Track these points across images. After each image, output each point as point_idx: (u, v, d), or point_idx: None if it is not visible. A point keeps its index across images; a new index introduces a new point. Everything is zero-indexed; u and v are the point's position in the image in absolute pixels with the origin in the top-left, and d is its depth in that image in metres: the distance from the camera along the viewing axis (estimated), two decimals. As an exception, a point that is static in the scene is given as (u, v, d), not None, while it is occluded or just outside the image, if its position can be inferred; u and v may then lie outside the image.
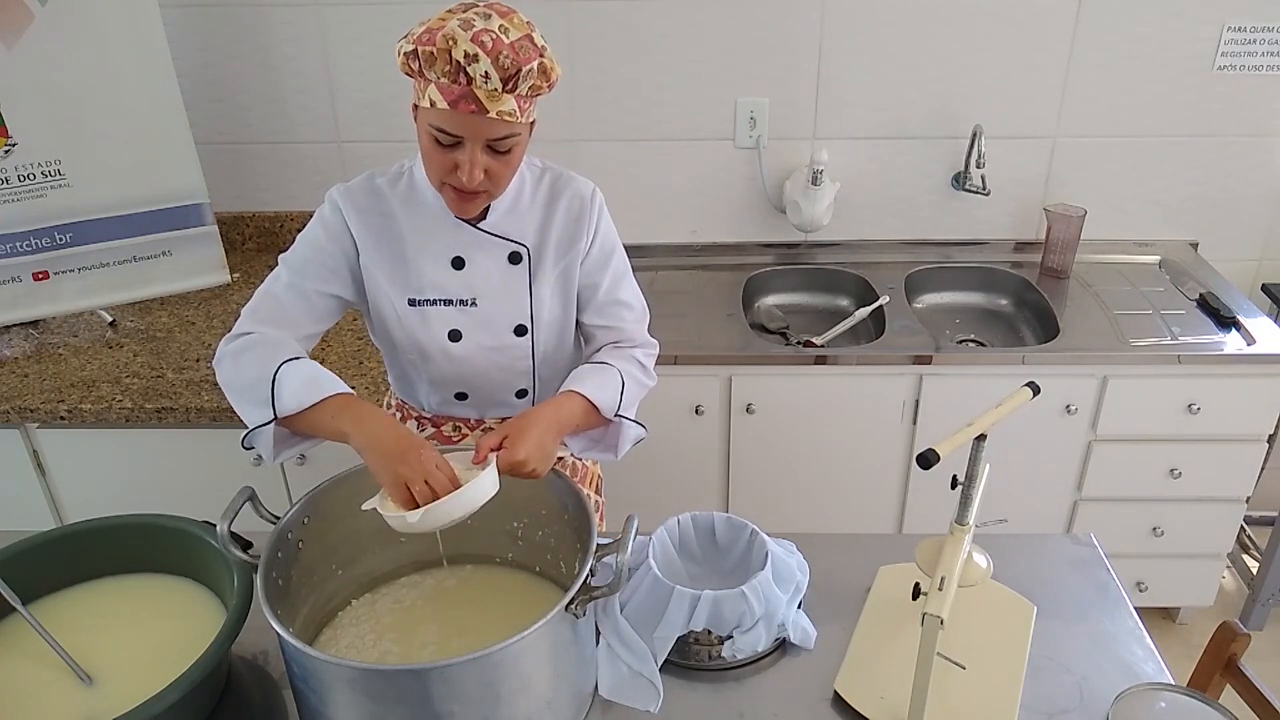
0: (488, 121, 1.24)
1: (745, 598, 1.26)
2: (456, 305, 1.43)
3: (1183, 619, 2.67)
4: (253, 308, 1.40)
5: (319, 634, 1.31)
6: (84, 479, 2.11)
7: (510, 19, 1.24)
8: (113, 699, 1.18)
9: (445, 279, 1.42)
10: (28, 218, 2.09)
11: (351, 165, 2.56)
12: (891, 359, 2.21)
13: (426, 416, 1.58)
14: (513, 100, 1.24)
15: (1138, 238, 2.63)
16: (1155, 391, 2.23)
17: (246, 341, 1.34)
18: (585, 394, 1.37)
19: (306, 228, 1.44)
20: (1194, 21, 2.36)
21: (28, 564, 1.29)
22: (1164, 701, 1.15)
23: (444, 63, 1.20)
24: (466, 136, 1.25)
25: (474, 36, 1.19)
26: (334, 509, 1.31)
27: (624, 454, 1.47)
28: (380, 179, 1.43)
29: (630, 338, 1.51)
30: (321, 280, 1.41)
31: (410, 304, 1.43)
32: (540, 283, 1.45)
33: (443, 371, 1.48)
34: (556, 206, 1.45)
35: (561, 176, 1.47)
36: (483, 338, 1.45)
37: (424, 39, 1.21)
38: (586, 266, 1.47)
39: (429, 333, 1.44)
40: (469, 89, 1.21)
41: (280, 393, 1.27)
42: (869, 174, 2.56)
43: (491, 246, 1.42)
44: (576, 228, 1.45)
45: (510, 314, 1.45)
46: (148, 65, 2.10)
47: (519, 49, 1.22)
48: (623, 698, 1.24)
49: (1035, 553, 1.52)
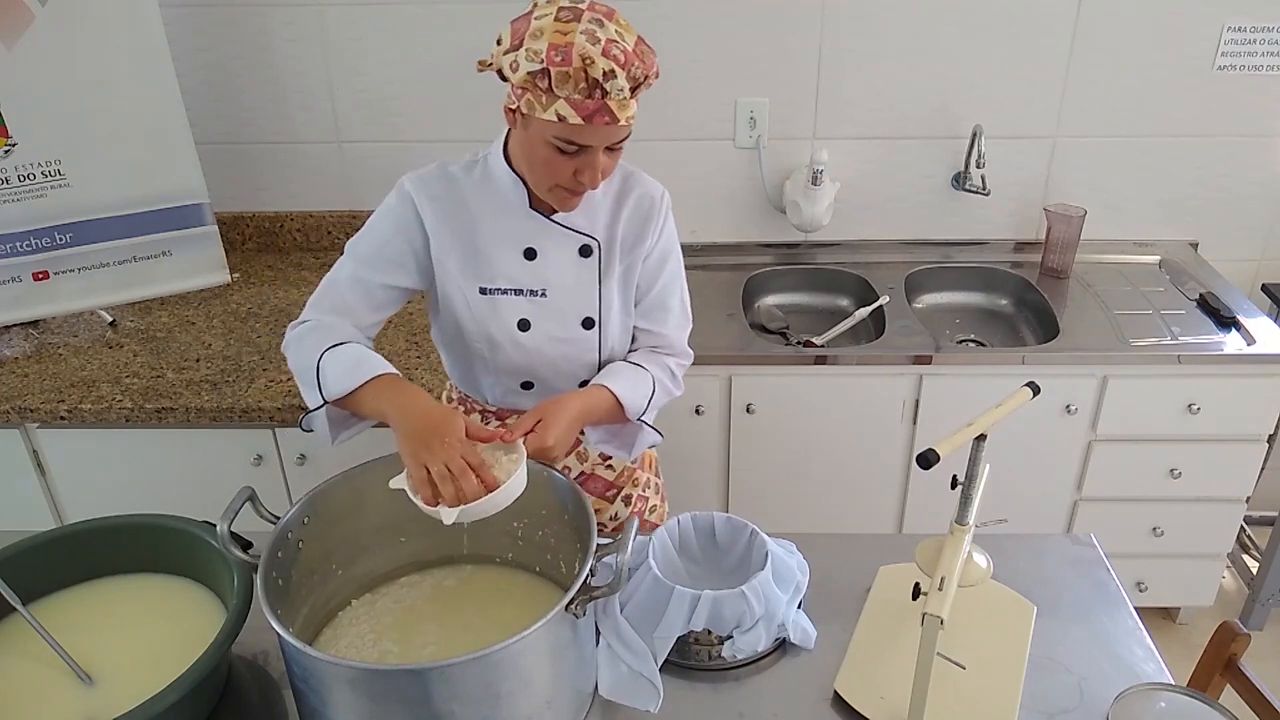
0: (616, 129, 1.25)
1: (745, 598, 1.27)
2: (527, 295, 1.44)
3: (1183, 619, 2.67)
4: (317, 296, 1.43)
5: (319, 634, 1.31)
6: (84, 479, 2.11)
7: (616, 19, 1.24)
8: (113, 699, 1.18)
9: (516, 269, 1.43)
10: (28, 218, 2.09)
11: (351, 165, 2.56)
12: (891, 359, 2.21)
13: (490, 409, 1.58)
14: (634, 104, 1.26)
15: (1137, 238, 2.63)
16: (1155, 391, 2.23)
17: (305, 328, 1.39)
18: (616, 391, 1.40)
19: (374, 216, 1.44)
20: (1194, 21, 2.36)
21: (28, 564, 1.29)
22: (1164, 701, 1.15)
23: (579, 80, 1.19)
24: (594, 145, 1.26)
25: (604, 50, 1.19)
26: (334, 509, 1.31)
27: (635, 456, 1.52)
28: (454, 167, 1.43)
29: (669, 344, 1.54)
30: (384, 272, 1.42)
31: (481, 292, 1.43)
32: (608, 277, 1.46)
33: (511, 360, 1.48)
34: (625, 203, 1.46)
35: (633, 174, 1.48)
36: (551, 328, 1.46)
37: (554, 58, 1.19)
38: (645, 268, 1.49)
39: (498, 321, 1.45)
40: (603, 103, 1.21)
41: (325, 378, 1.31)
42: (869, 174, 2.56)
43: (563, 239, 1.43)
44: (644, 227, 1.46)
45: (578, 306, 1.46)
46: (148, 65, 2.10)
47: (642, 55, 1.24)
48: (623, 698, 1.24)
49: (1035, 553, 1.52)
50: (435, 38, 2.40)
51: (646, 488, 1.71)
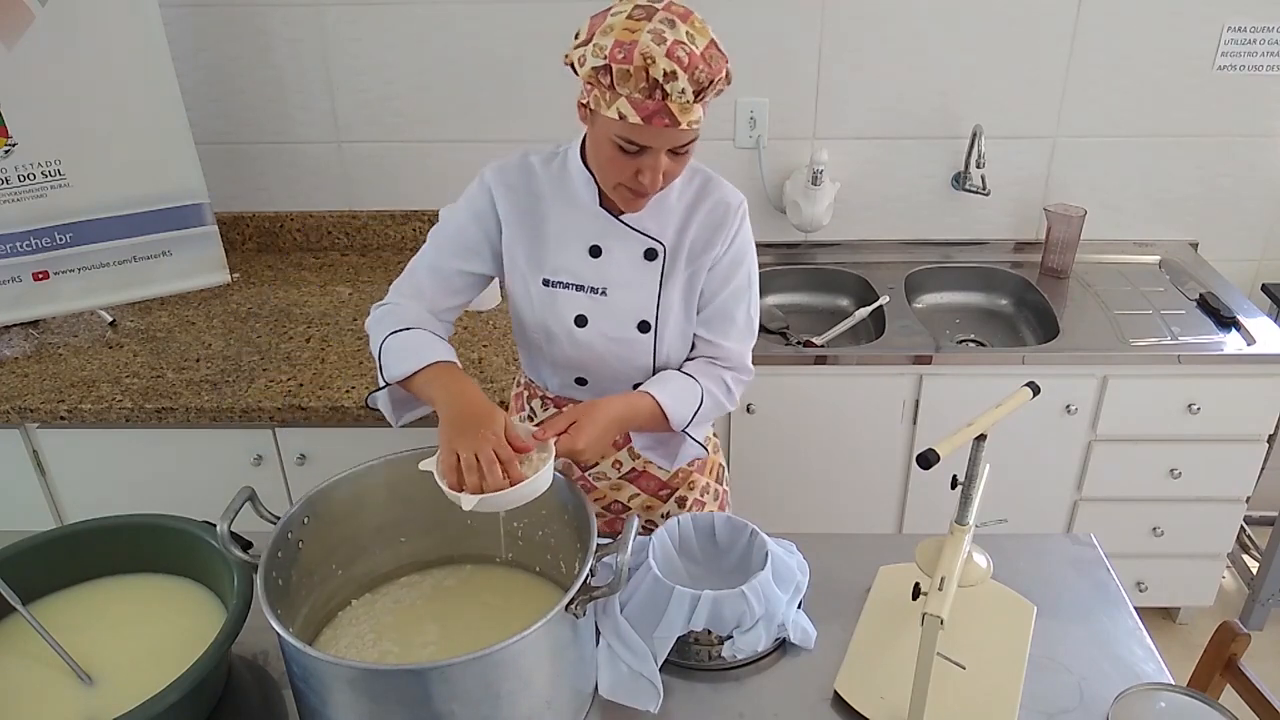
0: (678, 132, 1.24)
1: (745, 598, 1.26)
2: (587, 292, 1.44)
3: (1183, 619, 2.67)
4: (398, 281, 1.48)
5: (319, 634, 1.31)
6: (84, 479, 2.11)
7: (691, 21, 1.22)
8: (113, 699, 1.18)
9: (580, 265, 1.43)
10: (28, 218, 2.09)
11: (351, 165, 2.57)
12: (891, 359, 2.21)
13: (550, 396, 1.59)
14: (700, 108, 1.24)
15: (1137, 238, 2.63)
16: (1155, 391, 2.23)
17: (383, 310, 1.44)
18: (660, 401, 1.39)
19: (457, 202, 1.47)
20: (1194, 21, 2.36)
21: (28, 564, 1.29)
22: (1164, 701, 1.15)
23: (640, 80, 1.18)
24: (655, 146, 1.25)
25: (669, 51, 1.17)
26: (334, 509, 1.31)
27: (676, 467, 1.51)
28: (534, 157, 1.44)
29: (727, 357, 1.49)
30: (461, 259, 1.45)
31: (544, 284, 1.44)
32: (670, 283, 1.45)
33: (566, 354, 1.49)
34: (699, 209, 1.44)
35: (711, 181, 1.47)
36: (606, 327, 1.46)
37: (617, 55, 1.18)
38: (713, 275, 1.47)
39: (557, 314, 1.45)
40: (664, 104, 1.20)
41: (385, 360, 1.36)
42: (869, 174, 2.56)
43: (629, 239, 1.43)
44: (714, 235, 1.44)
45: (636, 308, 1.45)
46: (148, 65, 2.09)
47: (710, 59, 1.21)
48: (623, 698, 1.24)
49: (1035, 553, 1.52)
50: (435, 38, 2.40)
51: (704, 492, 1.68)
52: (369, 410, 1.93)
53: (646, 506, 1.63)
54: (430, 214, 2.58)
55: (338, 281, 2.48)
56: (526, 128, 2.49)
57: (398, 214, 2.61)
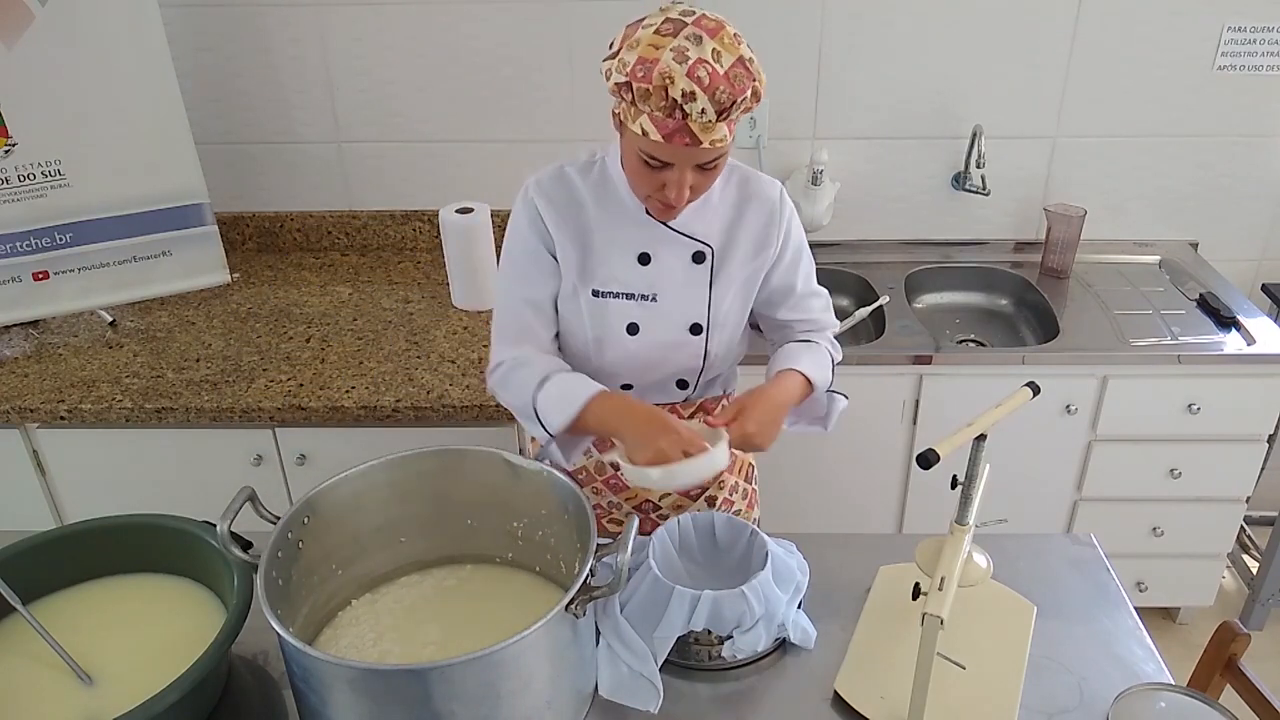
0: (700, 150, 1.23)
1: (745, 598, 1.26)
2: (638, 300, 1.44)
3: (1183, 619, 2.67)
4: (500, 331, 1.46)
5: (319, 634, 1.31)
6: (84, 479, 2.11)
7: (720, 37, 1.19)
8: (113, 699, 1.18)
9: (629, 274, 1.42)
10: (28, 218, 2.09)
11: (351, 165, 2.56)
12: (891, 359, 2.21)
13: None
14: (724, 127, 1.23)
15: (1137, 238, 2.63)
16: (1155, 391, 2.23)
17: (504, 370, 1.44)
18: (804, 371, 1.45)
19: (510, 231, 1.45)
20: (1194, 21, 2.36)
21: (28, 564, 1.29)
22: (1164, 701, 1.15)
23: (659, 99, 1.18)
24: (678, 163, 1.25)
25: (689, 71, 1.16)
26: (334, 509, 1.31)
27: (831, 426, 1.56)
28: (570, 168, 1.43)
29: (821, 324, 1.58)
30: (544, 284, 1.44)
31: (594, 295, 1.43)
32: (721, 283, 1.45)
33: (615, 362, 1.49)
34: (746, 209, 1.44)
35: (750, 178, 1.46)
36: (659, 333, 1.46)
37: (638, 73, 1.18)
38: (779, 270, 1.49)
39: (608, 324, 1.45)
40: (684, 123, 1.20)
41: (545, 417, 1.37)
42: (869, 174, 2.56)
43: (677, 244, 1.42)
44: (766, 234, 1.45)
45: (687, 312, 1.45)
46: (148, 65, 2.09)
47: (734, 79, 1.19)
48: (623, 698, 1.24)
49: (1035, 553, 1.52)
50: (435, 38, 2.40)
51: (734, 492, 1.67)
52: (369, 410, 1.95)
53: (677, 506, 1.63)
54: (430, 214, 2.58)
55: (338, 281, 2.48)
56: (526, 128, 2.49)
57: (398, 214, 2.61)
